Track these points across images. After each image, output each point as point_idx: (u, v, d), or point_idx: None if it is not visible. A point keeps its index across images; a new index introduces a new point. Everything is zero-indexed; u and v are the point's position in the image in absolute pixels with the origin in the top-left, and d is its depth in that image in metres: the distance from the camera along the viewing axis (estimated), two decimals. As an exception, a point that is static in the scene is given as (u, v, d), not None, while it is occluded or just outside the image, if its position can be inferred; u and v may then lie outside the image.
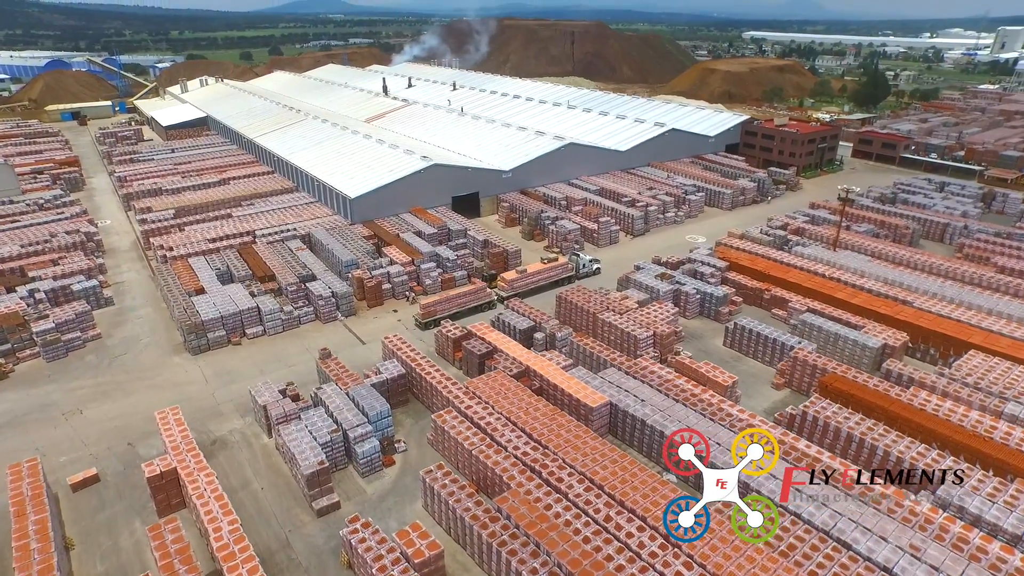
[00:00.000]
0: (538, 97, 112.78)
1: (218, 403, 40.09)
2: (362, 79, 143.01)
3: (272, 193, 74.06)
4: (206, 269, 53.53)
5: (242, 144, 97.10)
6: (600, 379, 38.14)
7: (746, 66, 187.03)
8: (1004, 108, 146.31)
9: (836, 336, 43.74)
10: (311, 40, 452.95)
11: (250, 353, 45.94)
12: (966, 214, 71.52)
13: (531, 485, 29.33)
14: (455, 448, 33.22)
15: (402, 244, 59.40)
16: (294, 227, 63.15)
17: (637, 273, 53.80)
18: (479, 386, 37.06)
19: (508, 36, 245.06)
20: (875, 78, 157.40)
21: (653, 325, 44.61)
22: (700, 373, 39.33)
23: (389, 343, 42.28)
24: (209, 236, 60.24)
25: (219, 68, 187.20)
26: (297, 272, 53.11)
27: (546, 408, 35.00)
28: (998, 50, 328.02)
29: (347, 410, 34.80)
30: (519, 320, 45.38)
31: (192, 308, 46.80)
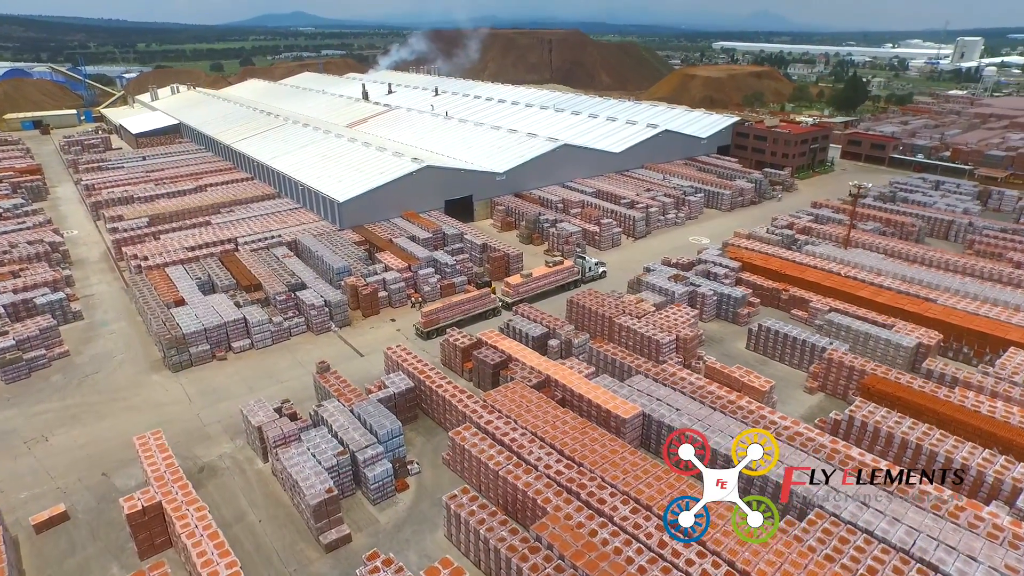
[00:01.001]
0: (524, 101, 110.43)
1: (204, 425, 36.03)
2: (340, 86, 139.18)
3: (253, 199, 69.93)
4: (185, 279, 49.35)
5: (218, 151, 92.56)
6: (628, 388, 35.11)
7: (725, 72, 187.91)
8: (979, 111, 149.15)
9: (867, 336, 41.43)
10: (282, 52, 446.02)
11: (237, 369, 41.92)
12: (967, 211, 70.77)
13: (570, 508, 26.05)
14: (477, 468, 29.80)
15: (396, 249, 55.89)
16: (279, 234, 59.20)
17: (649, 275, 51.12)
18: (497, 399, 33.73)
19: (486, 44, 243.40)
20: (853, 83, 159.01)
21: (675, 328, 41.83)
22: (734, 378, 36.57)
23: (393, 354, 38.73)
24: (187, 244, 55.97)
25: (190, 77, 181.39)
26: (285, 280, 49.24)
27: (574, 421, 31.80)
28: (958, 59, 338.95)
29: (353, 429, 31.15)
30: (531, 327, 42.21)
31: (172, 321, 42.65)
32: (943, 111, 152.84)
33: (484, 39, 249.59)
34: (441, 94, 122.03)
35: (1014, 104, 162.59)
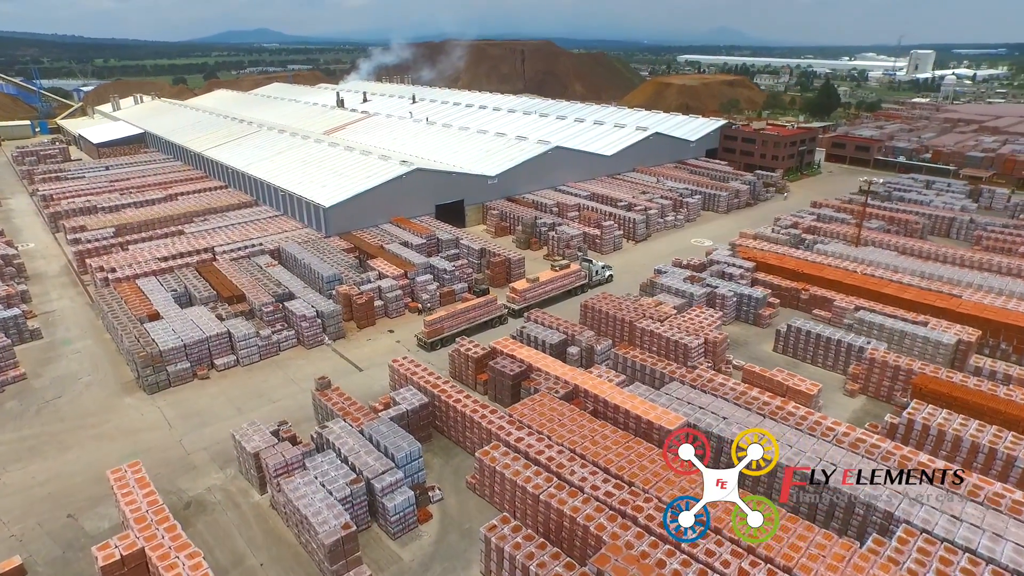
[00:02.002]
0: (506, 107, 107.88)
1: (188, 453, 31.61)
2: (312, 95, 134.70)
3: (229, 208, 65.28)
4: (160, 291, 44.71)
5: (188, 159, 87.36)
6: (665, 396, 31.93)
7: (699, 81, 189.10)
8: (947, 116, 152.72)
9: (902, 334, 39.10)
10: (247, 67, 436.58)
11: (222, 388, 37.51)
12: (965, 209, 70.25)
13: (629, 535, 22.58)
14: (511, 493, 26.15)
15: (390, 256, 52.05)
16: (260, 242, 54.81)
17: (663, 277, 48.32)
18: (525, 412, 30.19)
19: (457, 55, 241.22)
20: (827, 90, 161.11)
21: (702, 331, 38.93)
22: (776, 382, 33.71)
23: (400, 367, 34.88)
24: (159, 255, 51.20)
25: (153, 88, 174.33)
26: (271, 291, 44.99)
27: (615, 435, 28.44)
28: (912, 71, 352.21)
29: (365, 453, 27.24)
30: (548, 333, 38.82)
31: (146, 336, 38.07)
32: (913, 116, 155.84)
33: (455, 50, 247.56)
34: (419, 101, 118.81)
35: (976, 110, 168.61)
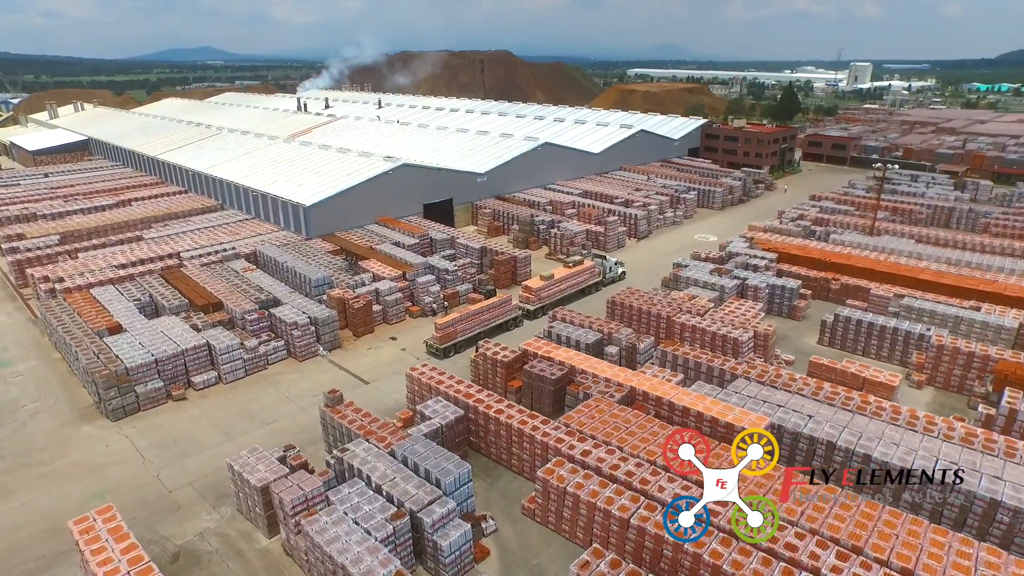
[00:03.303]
0: (479, 110, 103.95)
1: (169, 490, 25.72)
2: (270, 102, 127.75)
3: (192, 212, 58.73)
4: (120, 300, 38.32)
5: (140, 165, 79.69)
6: (735, 394, 27.83)
7: (661, 88, 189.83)
8: (904, 119, 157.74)
9: (957, 319, 36.30)
10: (192, 83, 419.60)
11: (204, 410, 31.58)
12: (959, 199, 69.69)
13: (753, 563, 18.24)
14: (589, 518, 21.48)
15: (382, 257, 46.83)
16: (232, 246, 48.73)
17: (686, 270, 44.65)
18: (583, 421, 25.59)
19: (415, 65, 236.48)
20: (789, 94, 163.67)
21: (748, 325, 35.24)
22: (850, 374, 30.16)
23: (421, 376, 29.80)
24: (116, 262, 44.63)
25: (94, 96, 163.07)
26: (253, 297, 39.18)
27: (695, 441, 24.09)
28: (853, 82, 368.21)
29: (402, 479, 22.10)
30: (581, 333, 34.34)
31: (108, 352, 31.86)
32: (872, 119, 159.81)
33: (412, 61, 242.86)
34: (386, 106, 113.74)
35: (925, 114, 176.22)
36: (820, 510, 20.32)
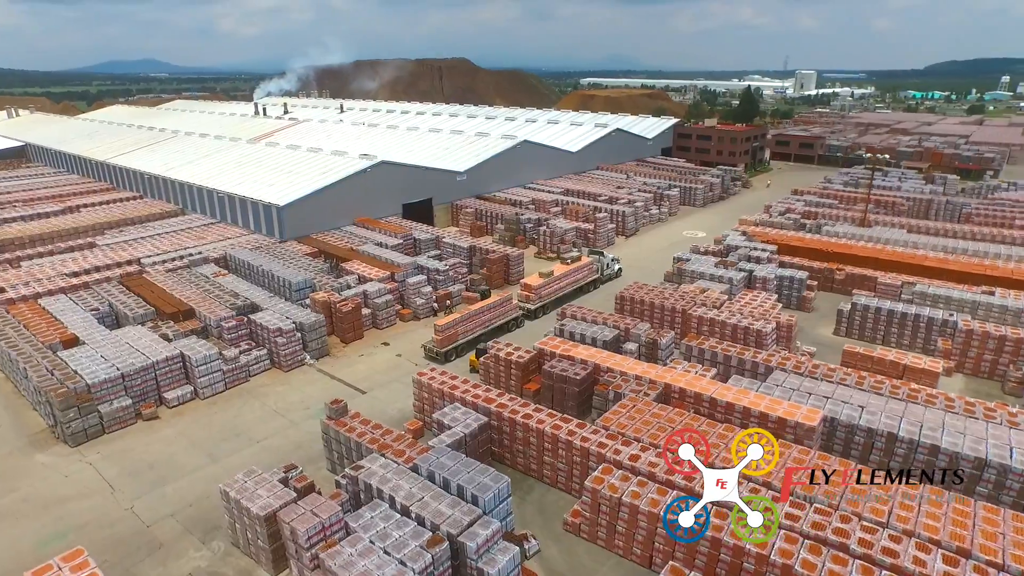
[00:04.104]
0: (447, 112, 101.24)
1: (147, 524, 21.95)
2: (226, 107, 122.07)
3: (150, 218, 54.02)
4: (75, 311, 33.96)
5: (88, 170, 73.77)
6: (778, 388, 25.76)
7: (622, 93, 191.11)
8: (858, 121, 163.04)
9: (975, 304, 35.42)
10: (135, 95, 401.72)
11: (180, 429, 27.74)
12: (934, 192, 70.56)
13: (854, 573, 15.94)
14: (650, 530, 18.92)
15: (366, 258, 43.51)
16: (199, 251, 44.57)
17: (690, 264, 42.83)
18: (623, 423, 23.05)
19: (371, 74, 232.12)
20: (748, 97, 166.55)
21: (770, 316, 33.49)
22: (888, 362, 28.60)
23: (431, 381, 26.77)
24: (67, 270, 40.01)
25: (31, 103, 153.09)
26: (228, 303, 35.38)
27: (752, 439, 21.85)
28: (799, 89, 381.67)
29: (432, 498, 19.07)
30: (596, 329, 31.86)
31: (64, 368, 27.72)
32: (828, 122, 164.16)
33: (368, 69, 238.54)
34: (348, 111, 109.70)
35: (878, 116, 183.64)
36: (908, 509, 18.26)
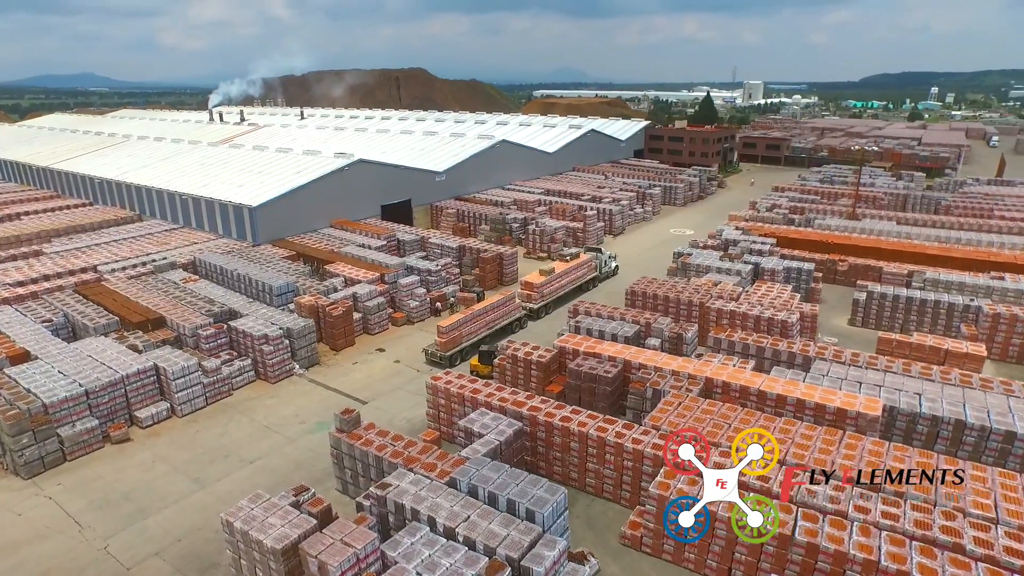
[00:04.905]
0: (414, 116, 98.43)
1: (127, 567, 18.42)
2: (178, 115, 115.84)
3: (104, 224, 49.34)
4: (24, 323, 29.76)
5: (26, 177, 67.87)
6: (826, 379, 23.96)
7: (582, 101, 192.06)
8: (813, 126, 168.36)
9: (989, 289, 34.83)
10: (73, 108, 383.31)
11: (158, 452, 24.08)
12: (907, 187, 71.67)
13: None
14: (730, 539, 16.61)
15: (351, 260, 40.33)
16: (164, 256, 40.54)
17: (693, 258, 41.24)
18: (673, 422, 20.78)
19: (327, 84, 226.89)
20: (707, 103, 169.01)
21: (792, 307, 32.00)
22: (928, 347, 27.24)
23: (449, 386, 23.97)
24: (11, 279, 35.51)
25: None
26: (204, 309, 31.73)
27: (815, 433, 19.91)
28: (748, 99, 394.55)
29: (479, 516, 16.32)
30: (614, 325, 29.61)
31: (14, 387, 23.77)
32: (783, 127, 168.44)
33: (325, 79, 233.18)
34: (308, 117, 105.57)
35: (831, 122, 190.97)
36: (1017, 503, 16.49)
